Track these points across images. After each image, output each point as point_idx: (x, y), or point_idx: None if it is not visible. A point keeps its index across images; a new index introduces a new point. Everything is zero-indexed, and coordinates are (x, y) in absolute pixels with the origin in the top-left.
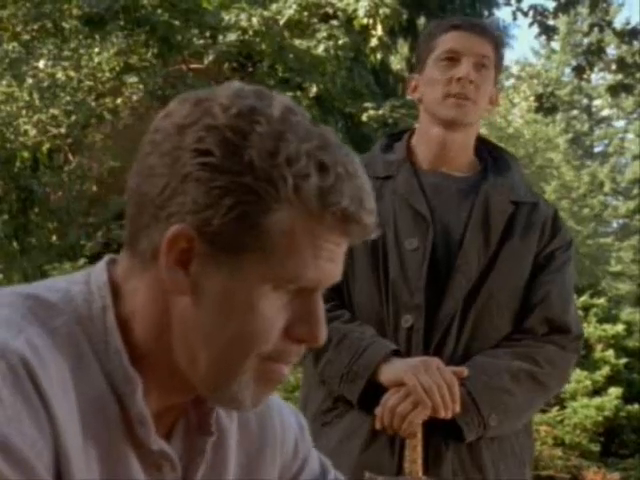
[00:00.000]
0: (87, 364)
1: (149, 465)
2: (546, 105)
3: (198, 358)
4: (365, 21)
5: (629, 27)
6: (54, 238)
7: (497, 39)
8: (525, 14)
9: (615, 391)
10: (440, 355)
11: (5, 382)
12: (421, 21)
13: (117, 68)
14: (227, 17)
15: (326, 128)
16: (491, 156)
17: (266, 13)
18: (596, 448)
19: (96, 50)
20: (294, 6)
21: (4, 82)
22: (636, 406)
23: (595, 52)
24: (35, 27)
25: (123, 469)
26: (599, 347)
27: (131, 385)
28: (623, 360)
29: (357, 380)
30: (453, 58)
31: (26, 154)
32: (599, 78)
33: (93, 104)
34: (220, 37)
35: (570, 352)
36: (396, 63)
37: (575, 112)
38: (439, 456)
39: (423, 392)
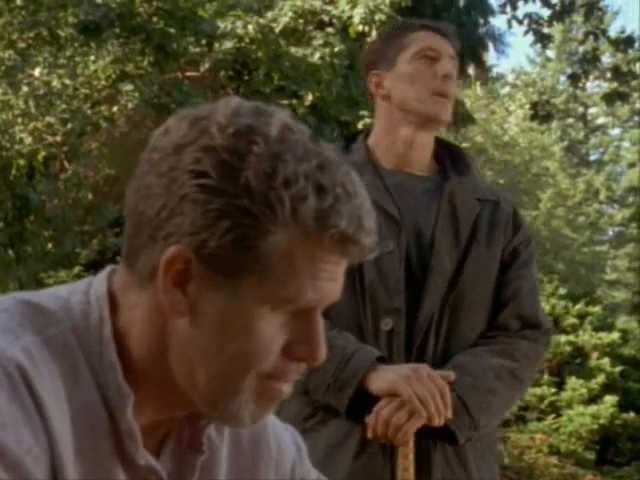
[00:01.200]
0: (80, 374)
1: None
2: (541, 113)
3: (197, 377)
4: (361, 28)
5: (624, 35)
6: (50, 246)
7: (456, 46)
8: (520, 22)
9: (611, 399)
10: (422, 357)
11: (2, 389)
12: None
13: (113, 76)
14: (223, 25)
15: (326, 145)
16: (449, 156)
17: (262, 21)
18: (591, 456)
19: (92, 58)
20: (290, 14)
21: (0, 90)
22: (632, 414)
23: (590, 60)
24: (31, 35)
25: None
26: (595, 355)
27: (123, 400)
28: (619, 368)
29: (345, 389)
30: (432, 56)
31: (22, 162)
32: (594, 86)
33: (89, 112)
34: (216, 45)
35: (542, 346)
36: None
37: (570, 120)
38: (428, 460)
39: (419, 402)
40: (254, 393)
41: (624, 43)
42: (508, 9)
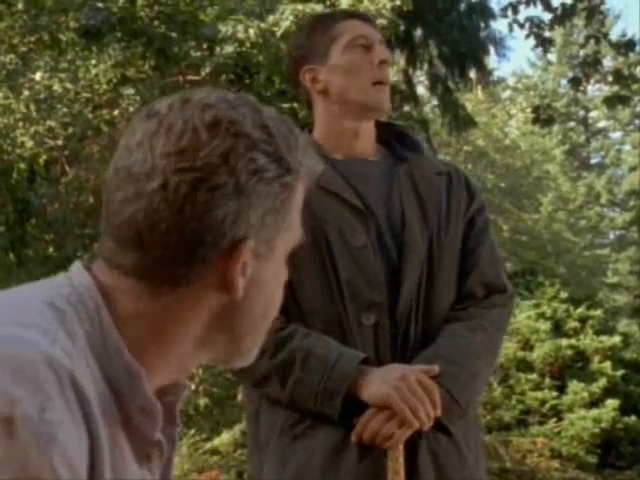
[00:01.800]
0: (90, 364)
1: (141, 456)
2: (543, 117)
3: (242, 338)
4: None
5: (625, 39)
6: (51, 250)
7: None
8: (521, 26)
9: (612, 403)
10: (406, 343)
11: (53, 388)
12: (418, 33)
13: (114, 80)
14: (224, 29)
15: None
16: (393, 136)
17: (263, 25)
18: (593, 460)
19: (93, 62)
20: (291, 18)
21: (1, 94)
22: (633, 418)
23: (591, 64)
24: (32, 39)
25: (122, 463)
26: (596, 359)
27: (135, 379)
28: (620, 372)
29: (334, 397)
30: (365, 44)
31: (23, 166)
32: (595, 90)
33: (90, 116)
34: (217, 49)
35: (509, 311)
36: (392, 75)
37: (572, 124)
38: (414, 447)
39: (410, 414)
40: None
41: (625, 47)
42: (509, 13)
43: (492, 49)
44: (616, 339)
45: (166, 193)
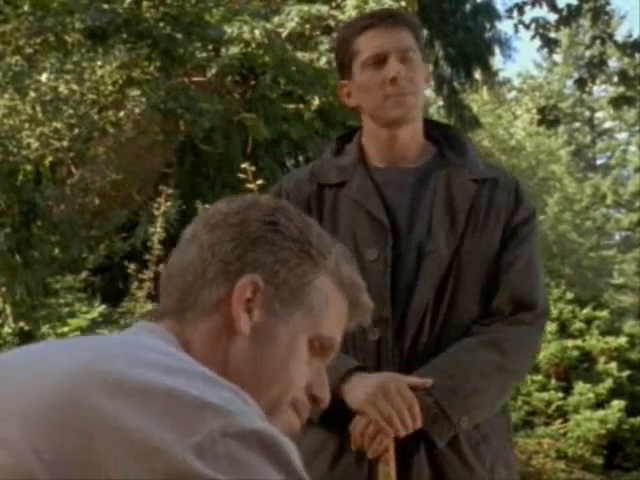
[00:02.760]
0: None
1: None
2: (548, 117)
3: (250, 390)
4: None
5: (631, 40)
6: (57, 251)
7: (410, 22)
8: (527, 27)
9: (618, 404)
10: (415, 348)
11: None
12: (423, 34)
13: (120, 81)
14: (229, 30)
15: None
16: (444, 138)
17: (268, 26)
18: (599, 461)
19: (99, 63)
20: (296, 19)
21: (7, 95)
22: (639, 419)
23: (597, 65)
24: (37, 41)
25: None
26: (602, 360)
27: None
28: (626, 373)
29: None
30: (378, 61)
31: (29, 167)
32: (601, 90)
33: (96, 117)
34: (222, 50)
35: (537, 329)
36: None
37: (577, 124)
38: (413, 463)
39: (383, 422)
40: (283, 422)
41: (631, 47)
42: (515, 14)
43: (498, 50)
44: (622, 340)
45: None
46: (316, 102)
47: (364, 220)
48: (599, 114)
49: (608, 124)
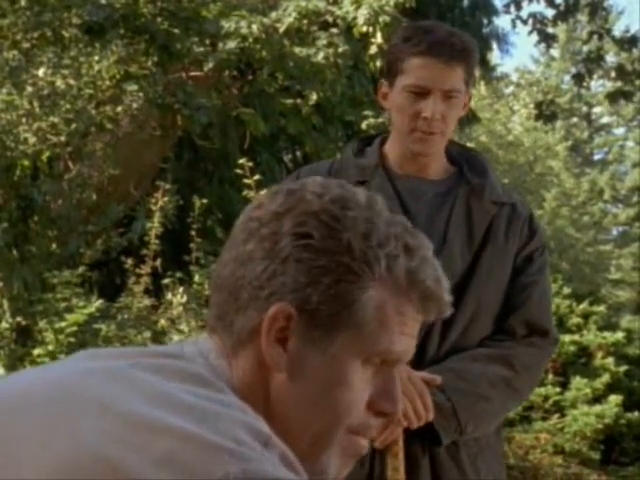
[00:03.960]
0: None
1: None
2: (546, 113)
3: (292, 430)
4: (365, 29)
5: (628, 35)
6: (54, 246)
7: (466, 55)
8: (524, 22)
9: (615, 399)
10: (423, 354)
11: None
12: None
13: (117, 76)
14: (227, 25)
15: (401, 216)
16: (465, 159)
17: (266, 21)
18: (596, 456)
19: (96, 58)
20: (294, 14)
21: (4, 90)
22: (636, 414)
23: (594, 60)
24: (35, 35)
25: None
26: (599, 355)
27: None
28: (623, 368)
29: None
30: (420, 92)
31: (26, 162)
32: (598, 85)
33: (93, 112)
34: (220, 45)
35: (546, 355)
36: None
37: (575, 120)
38: (416, 463)
39: None
40: (340, 448)
41: (628, 42)
42: (512, 9)
43: (495, 45)
44: (619, 335)
45: None
46: (314, 97)
47: None
48: (596, 109)
49: (605, 119)
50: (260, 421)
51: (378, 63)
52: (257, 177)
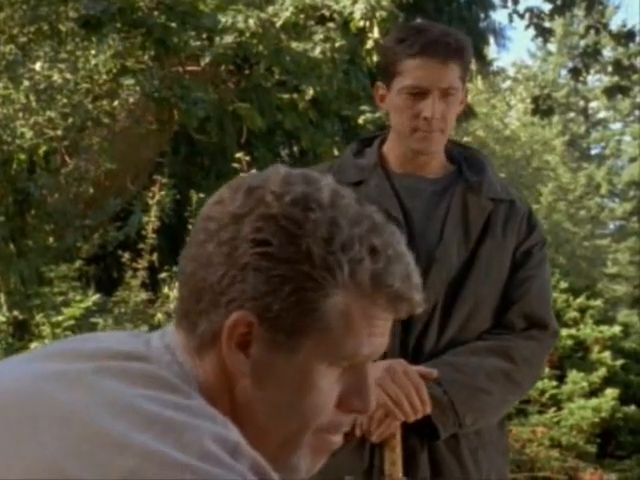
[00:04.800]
0: None
1: None
2: (542, 107)
3: (259, 433)
4: (362, 24)
5: (625, 29)
6: (51, 240)
7: (461, 53)
8: (521, 16)
9: (612, 392)
10: (421, 348)
11: None
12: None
13: (114, 70)
14: (224, 19)
15: (371, 208)
16: (464, 157)
17: (263, 15)
18: (593, 449)
19: (93, 52)
20: (291, 8)
21: (0, 84)
22: (633, 407)
23: (591, 54)
24: (32, 29)
25: None
26: (596, 348)
27: None
28: (620, 361)
29: None
30: (418, 93)
31: (23, 156)
32: (595, 80)
33: (90, 106)
34: (217, 39)
35: (546, 348)
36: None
37: (572, 114)
38: (415, 457)
39: (393, 405)
40: (311, 447)
41: (625, 37)
42: (509, 3)
43: (492, 39)
44: (616, 329)
45: None
46: (310, 92)
47: None
48: (593, 104)
49: (602, 114)
50: (229, 427)
51: (375, 58)
52: (254, 171)
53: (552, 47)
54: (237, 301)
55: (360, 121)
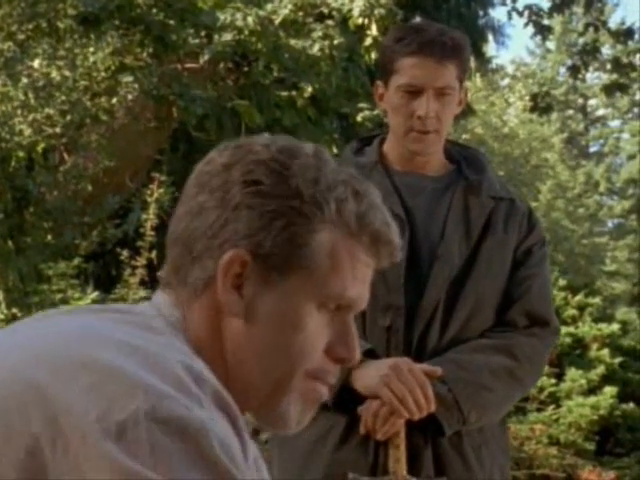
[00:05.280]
0: None
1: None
2: (541, 105)
3: (249, 376)
4: (360, 21)
5: (624, 27)
6: (49, 237)
7: (458, 52)
8: (520, 14)
9: (610, 390)
10: (424, 346)
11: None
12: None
13: (112, 67)
14: (222, 17)
15: (349, 168)
16: (463, 156)
17: (261, 13)
18: (591, 447)
19: (91, 50)
20: (289, 6)
21: None
22: (631, 405)
23: (590, 52)
24: (30, 27)
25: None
26: (594, 346)
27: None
28: (618, 359)
29: None
30: (413, 91)
31: (21, 154)
32: (594, 78)
33: (88, 104)
34: (215, 37)
35: (548, 345)
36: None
37: (570, 112)
38: (419, 454)
39: (397, 402)
40: (300, 393)
41: (624, 35)
42: (508, 1)
43: (491, 37)
44: (614, 327)
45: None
46: (309, 89)
47: None
48: (592, 101)
49: (601, 111)
50: (194, 359)
51: (373, 55)
52: None
53: (551, 45)
54: (230, 241)
55: (358, 118)
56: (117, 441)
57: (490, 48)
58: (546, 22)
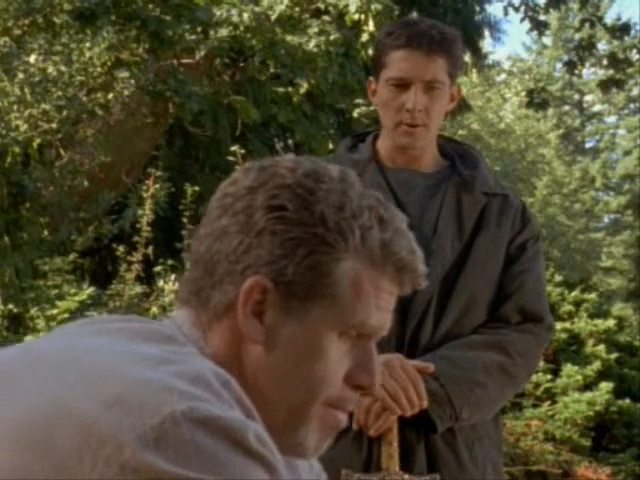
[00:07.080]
0: None
1: None
2: (537, 100)
3: (268, 403)
4: (356, 17)
5: (620, 22)
6: (45, 233)
7: (447, 47)
8: (516, 9)
9: (606, 386)
10: (417, 342)
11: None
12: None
13: (108, 63)
14: (218, 12)
15: (374, 191)
16: (457, 153)
17: (257, 8)
18: (587, 443)
19: (87, 45)
20: (285, 1)
21: None
22: (627, 401)
23: (586, 47)
24: (26, 22)
25: None
26: (590, 342)
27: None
28: (614, 355)
29: None
30: (402, 84)
31: (17, 149)
32: (590, 73)
33: (84, 99)
34: (211, 32)
35: (542, 342)
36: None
37: (566, 108)
38: (412, 450)
39: (390, 399)
40: (319, 421)
41: (620, 30)
42: None
43: (487, 33)
44: (610, 322)
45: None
46: (305, 85)
47: None
48: (588, 97)
49: (597, 107)
50: (219, 369)
51: (370, 51)
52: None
53: (547, 40)
54: (252, 267)
55: (355, 114)
56: (157, 449)
57: (486, 44)
58: (542, 18)
